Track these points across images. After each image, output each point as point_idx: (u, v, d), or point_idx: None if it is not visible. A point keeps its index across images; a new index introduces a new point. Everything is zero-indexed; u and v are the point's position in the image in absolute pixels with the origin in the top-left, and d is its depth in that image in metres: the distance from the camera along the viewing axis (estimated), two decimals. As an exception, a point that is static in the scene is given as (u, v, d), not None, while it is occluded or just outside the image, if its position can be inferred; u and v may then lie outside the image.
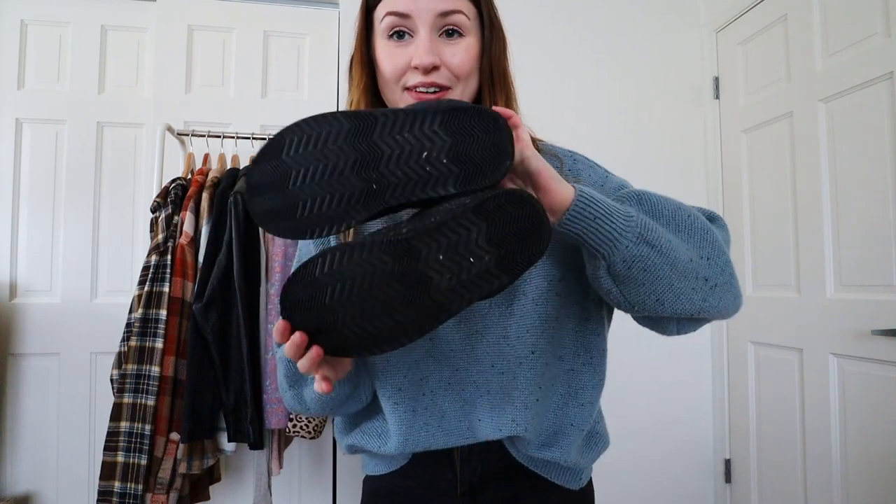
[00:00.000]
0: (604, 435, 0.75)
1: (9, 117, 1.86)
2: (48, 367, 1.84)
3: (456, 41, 0.62)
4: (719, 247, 0.57)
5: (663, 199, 0.58)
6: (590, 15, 2.12)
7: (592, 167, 0.69)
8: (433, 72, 0.61)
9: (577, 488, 0.72)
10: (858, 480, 1.52)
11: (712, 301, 0.57)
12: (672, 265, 0.54)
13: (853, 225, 1.55)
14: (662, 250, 0.54)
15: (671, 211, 0.57)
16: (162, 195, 1.45)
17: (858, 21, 1.54)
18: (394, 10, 0.61)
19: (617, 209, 0.53)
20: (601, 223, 0.52)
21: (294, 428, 1.40)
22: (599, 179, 0.67)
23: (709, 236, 0.56)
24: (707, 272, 0.56)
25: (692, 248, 0.56)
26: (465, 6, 0.63)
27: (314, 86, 1.99)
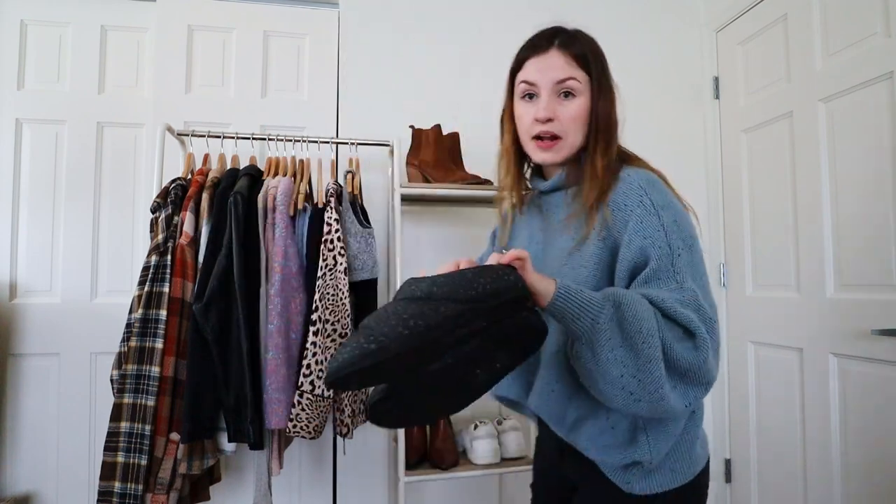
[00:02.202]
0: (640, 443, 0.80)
1: (9, 117, 1.86)
2: (48, 367, 1.84)
3: (569, 101, 0.85)
4: (655, 376, 0.69)
5: (639, 316, 0.69)
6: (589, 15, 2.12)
7: (644, 219, 0.78)
8: (548, 123, 0.85)
9: (625, 490, 0.82)
10: (858, 480, 1.52)
11: (635, 409, 0.71)
12: (601, 372, 0.70)
13: (853, 225, 1.55)
14: (598, 358, 0.70)
15: (634, 331, 0.69)
16: (162, 195, 1.44)
17: (858, 21, 1.54)
18: (525, 80, 0.88)
19: (586, 311, 0.69)
20: (568, 318, 0.71)
21: (294, 428, 1.40)
22: (638, 231, 0.78)
23: (650, 366, 0.69)
24: (633, 388, 0.69)
25: (630, 367, 0.69)
26: (577, 74, 0.85)
27: (314, 86, 1.99)
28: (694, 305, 0.73)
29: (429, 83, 2.01)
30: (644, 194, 0.79)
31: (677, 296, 0.73)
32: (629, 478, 0.82)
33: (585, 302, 0.70)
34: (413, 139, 1.77)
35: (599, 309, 0.70)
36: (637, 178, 0.81)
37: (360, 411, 1.59)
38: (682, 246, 0.76)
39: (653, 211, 0.78)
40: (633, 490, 0.82)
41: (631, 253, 0.77)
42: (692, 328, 0.71)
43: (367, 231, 1.56)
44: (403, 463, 1.53)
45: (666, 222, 0.77)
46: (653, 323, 0.70)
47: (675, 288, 0.74)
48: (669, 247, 0.76)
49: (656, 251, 0.75)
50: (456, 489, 1.94)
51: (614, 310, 0.70)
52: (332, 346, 1.45)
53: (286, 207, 1.46)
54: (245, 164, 1.61)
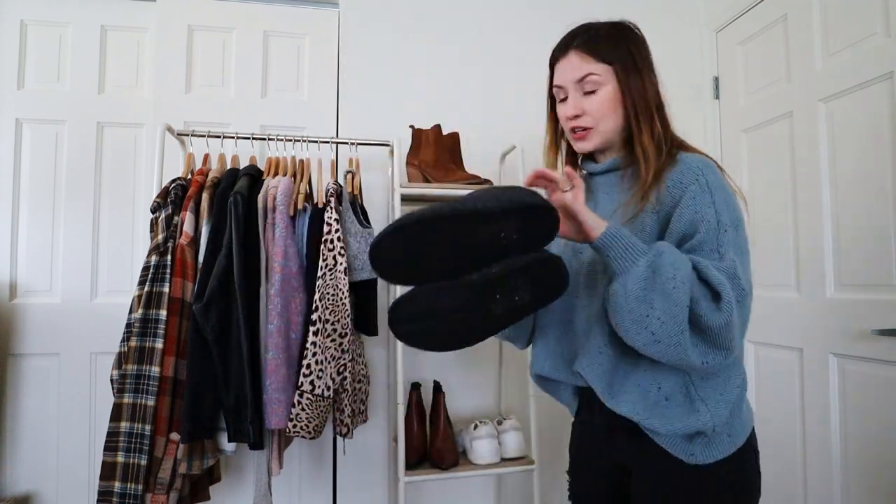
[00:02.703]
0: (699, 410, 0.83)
1: (9, 117, 1.86)
2: (48, 367, 1.84)
3: (593, 95, 0.91)
4: (678, 320, 0.75)
5: (676, 265, 0.75)
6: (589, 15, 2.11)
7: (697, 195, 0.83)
8: (577, 119, 0.93)
9: (689, 462, 0.84)
10: (858, 480, 1.52)
11: (653, 350, 0.77)
12: (629, 308, 0.76)
13: (853, 225, 1.55)
14: (629, 295, 0.76)
15: (668, 276, 0.75)
16: (162, 195, 1.44)
17: (858, 21, 1.54)
18: (555, 84, 0.97)
19: (626, 253, 0.78)
20: (612, 255, 0.79)
21: (294, 428, 1.40)
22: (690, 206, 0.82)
23: (675, 310, 0.74)
24: (655, 328, 0.75)
25: (656, 310, 0.75)
26: (596, 68, 0.91)
27: (314, 86, 1.99)
28: (729, 272, 0.77)
29: (429, 83, 2.01)
30: (700, 174, 0.84)
31: (715, 262, 0.78)
32: (693, 448, 0.84)
33: (631, 245, 0.78)
34: (413, 139, 1.77)
35: (642, 253, 0.77)
36: (695, 160, 0.86)
37: (360, 411, 1.59)
38: (728, 224, 0.81)
39: (706, 189, 0.82)
40: (698, 460, 0.83)
41: (681, 224, 0.82)
42: (720, 290, 0.75)
43: (367, 231, 1.56)
44: (403, 463, 1.53)
45: (717, 200, 0.82)
46: (687, 273, 0.75)
47: (717, 258, 0.79)
48: (718, 222, 0.80)
49: (704, 224, 0.80)
50: (456, 489, 1.94)
51: (655, 256, 0.76)
52: (332, 346, 1.45)
53: (286, 207, 1.46)
54: (245, 164, 1.61)
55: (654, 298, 0.74)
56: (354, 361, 1.54)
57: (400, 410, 1.57)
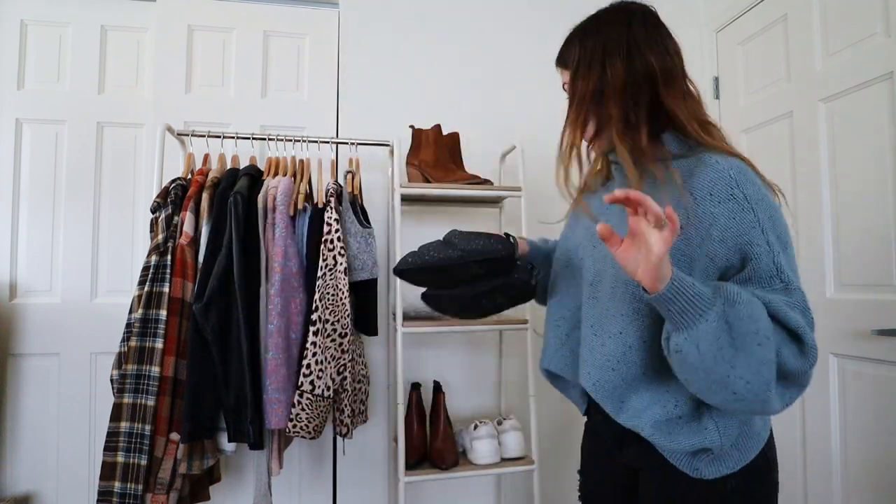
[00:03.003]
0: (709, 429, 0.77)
1: (9, 117, 1.86)
2: (48, 367, 1.84)
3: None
4: (765, 378, 0.66)
5: (754, 316, 0.66)
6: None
7: (737, 214, 0.73)
8: None
9: (693, 475, 0.80)
10: (858, 481, 1.52)
11: (733, 407, 0.69)
12: (706, 369, 0.66)
13: (853, 225, 1.55)
14: (704, 356, 0.65)
15: (748, 331, 0.65)
16: (162, 195, 1.44)
17: (858, 21, 1.54)
18: None
19: (695, 305, 0.66)
20: (675, 311, 0.67)
21: (294, 428, 1.40)
22: (731, 228, 0.73)
23: (762, 368, 0.66)
24: (739, 388, 0.66)
25: (739, 368, 0.65)
26: (565, 77, 0.89)
27: (314, 86, 1.99)
28: (802, 308, 0.70)
29: (429, 83, 2.01)
30: (735, 186, 0.73)
31: (784, 297, 0.70)
32: (697, 464, 0.80)
33: (696, 296, 0.66)
34: (413, 139, 1.77)
35: (710, 304, 0.66)
36: (727, 166, 0.75)
37: (360, 411, 1.59)
38: (778, 244, 0.72)
39: (747, 206, 0.72)
40: (703, 475, 0.80)
41: (725, 251, 0.73)
42: (800, 332, 0.68)
43: (367, 231, 1.56)
44: (403, 463, 1.53)
45: (762, 219, 0.72)
46: (768, 323, 0.66)
47: (782, 289, 0.70)
48: (768, 245, 0.71)
49: (755, 250, 0.71)
50: (456, 489, 1.94)
51: (725, 306, 0.66)
52: (332, 345, 1.45)
53: (286, 207, 1.46)
54: (245, 164, 1.61)
55: (735, 357, 0.65)
56: (354, 361, 1.54)
57: (400, 410, 1.57)
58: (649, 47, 0.82)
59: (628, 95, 0.81)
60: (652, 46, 0.82)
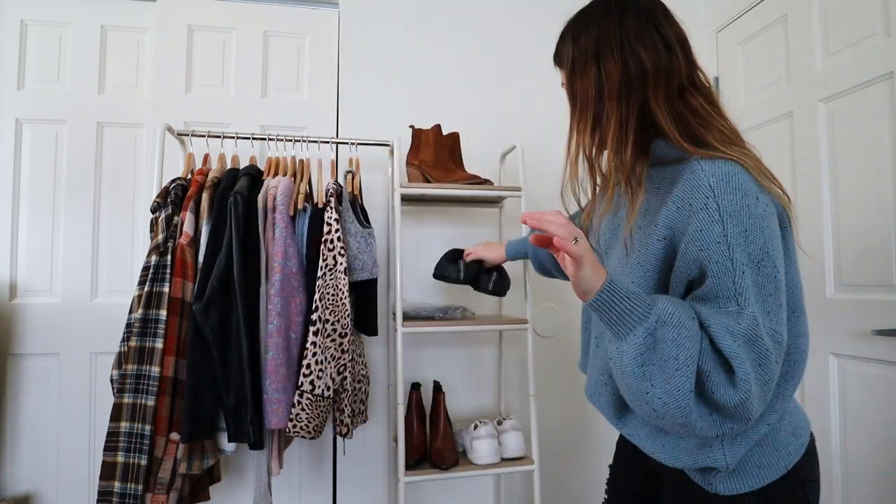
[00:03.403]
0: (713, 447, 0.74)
1: (9, 117, 1.86)
2: (48, 367, 1.84)
3: None
4: (682, 405, 0.65)
5: (679, 341, 0.65)
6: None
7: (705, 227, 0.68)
8: None
9: (709, 490, 0.76)
10: (858, 480, 1.52)
11: (658, 423, 0.69)
12: (626, 382, 0.67)
13: (853, 225, 1.55)
14: (624, 368, 0.67)
15: (670, 356, 0.64)
16: (162, 195, 1.44)
17: (858, 21, 1.54)
18: None
19: (621, 319, 0.66)
20: (605, 320, 0.68)
21: (294, 428, 1.40)
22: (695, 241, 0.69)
23: (678, 395, 0.64)
24: (657, 407, 0.66)
25: (658, 387, 0.65)
26: (562, 76, 0.88)
27: (314, 86, 1.99)
28: (747, 336, 0.64)
29: (429, 83, 2.01)
30: (710, 196, 0.68)
31: (730, 322, 0.65)
32: (710, 480, 0.76)
33: (626, 311, 0.65)
34: (413, 139, 1.77)
35: (641, 320, 0.65)
36: (709, 172, 0.69)
37: (359, 411, 1.59)
38: (746, 262, 0.66)
39: (717, 218, 0.67)
40: (718, 491, 0.75)
41: (685, 264, 0.70)
42: (734, 363, 0.64)
43: (367, 231, 1.56)
44: (403, 463, 1.53)
45: (731, 233, 0.66)
46: (693, 351, 0.64)
47: (735, 311, 0.65)
48: (731, 262, 0.66)
49: (714, 266, 0.67)
50: (456, 489, 1.94)
51: (657, 325, 0.65)
52: (332, 346, 1.45)
53: (286, 207, 1.46)
54: (245, 164, 1.61)
55: (654, 375, 0.65)
56: (354, 361, 1.54)
57: (400, 410, 1.57)
58: (643, 44, 0.75)
59: (623, 100, 0.76)
60: (646, 42, 0.76)
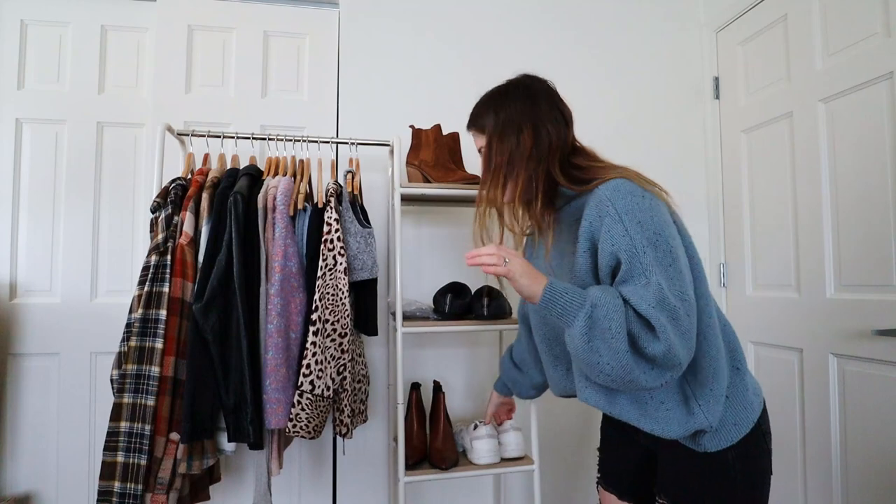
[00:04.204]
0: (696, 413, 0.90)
1: (9, 117, 1.86)
2: (48, 367, 1.84)
3: None
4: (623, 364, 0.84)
5: (609, 315, 0.83)
6: (589, 15, 2.12)
7: (612, 227, 0.89)
8: None
9: (699, 450, 0.93)
10: (858, 480, 1.52)
11: (614, 386, 0.88)
12: (582, 358, 0.86)
13: (853, 225, 1.55)
14: (577, 348, 0.87)
15: (605, 328, 0.83)
16: (162, 195, 1.44)
17: (858, 21, 1.54)
18: None
19: (564, 311, 0.86)
20: (553, 316, 0.89)
21: (294, 428, 1.40)
22: (607, 239, 0.89)
23: (619, 357, 0.83)
24: (609, 372, 0.85)
25: (604, 356, 0.84)
26: (481, 142, 1.10)
27: (314, 86, 1.99)
28: (656, 298, 0.82)
29: (429, 83, 2.01)
30: (609, 204, 0.89)
31: (643, 292, 0.83)
32: (700, 440, 0.92)
33: (567, 304, 0.86)
34: (413, 139, 1.77)
35: (578, 308, 0.85)
36: (604, 190, 0.92)
37: (359, 411, 1.59)
38: (645, 244, 0.86)
39: (617, 218, 0.88)
40: (707, 449, 0.92)
41: (605, 259, 0.89)
42: (651, 321, 0.82)
43: (366, 231, 1.56)
44: (403, 463, 1.53)
45: (629, 226, 0.87)
46: (621, 320, 0.83)
47: (644, 284, 0.84)
48: (634, 248, 0.86)
49: (624, 254, 0.86)
50: (456, 489, 1.94)
51: (591, 308, 0.84)
52: (332, 345, 1.45)
53: (286, 207, 1.46)
54: (245, 164, 1.61)
55: (599, 347, 0.83)
56: (354, 361, 1.54)
57: (400, 410, 1.57)
58: (551, 122, 1.01)
59: (532, 164, 1.00)
60: (553, 120, 1.01)
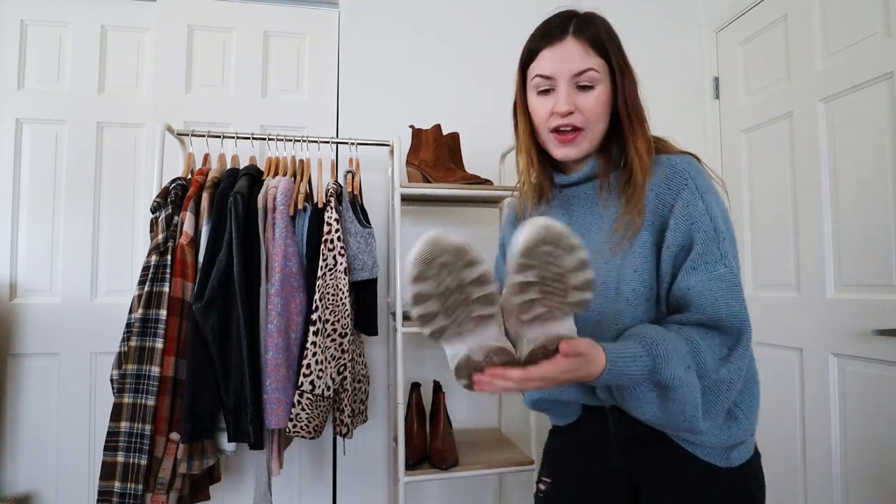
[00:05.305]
0: (741, 420, 0.81)
1: (9, 117, 1.86)
2: (48, 367, 1.84)
3: (589, 92, 0.82)
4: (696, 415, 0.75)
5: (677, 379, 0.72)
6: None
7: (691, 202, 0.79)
8: (569, 116, 0.82)
9: (723, 465, 0.81)
10: (858, 480, 1.52)
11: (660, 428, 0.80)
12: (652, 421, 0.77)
13: (853, 225, 1.55)
14: (648, 418, 0.77)
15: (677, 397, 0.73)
16: (162, 195, 1.45)
17: (858, 21, 1.54)
18: (541, 73, 0.83)
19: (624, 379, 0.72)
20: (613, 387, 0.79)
21: (294, 428, 1.40)
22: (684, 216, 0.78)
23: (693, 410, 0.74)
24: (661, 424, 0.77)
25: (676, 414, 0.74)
26: (595, 63, 0.81)
27: (314, 86, 1.99)
28: (738, 291, 0.76)
29: (429, 83, 2.01)
30: (689, 178, 0.80)
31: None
32: (730, 455, 0.81)
33: (626, 373, 0.72)
34: (413, 139, 1.77)
35: (641, 378, 0.72)
36: (680, 161, 0.82)
37: (359, 411, 1.59)
38: (724, 230, 0.78)
39: (697, 195, 0.79)
40: (732, 463, 0.81)
41: (678, 237, 0.78)
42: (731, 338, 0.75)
43: (366, 231, 1.56)
44: (403, 463, 1.53)
45: (711, 206, 0.78)
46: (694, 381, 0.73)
47: (726, 273, 0.76)
48: (715, 230, 0.77)
49: (702, 235, 0.77)
50: (456, 489, 1.94)
51: (653, 375, 0.72)
52: (332, 345, 1.45)
53: (286, 207, 1.46)
54: (245, 164, 1.61)
55: (671, 409, 0.74)
56: (354, 361, 1.54)
57: (400, 410, 1.57)
58: None
59: (642, 110, 0.87)
60: None
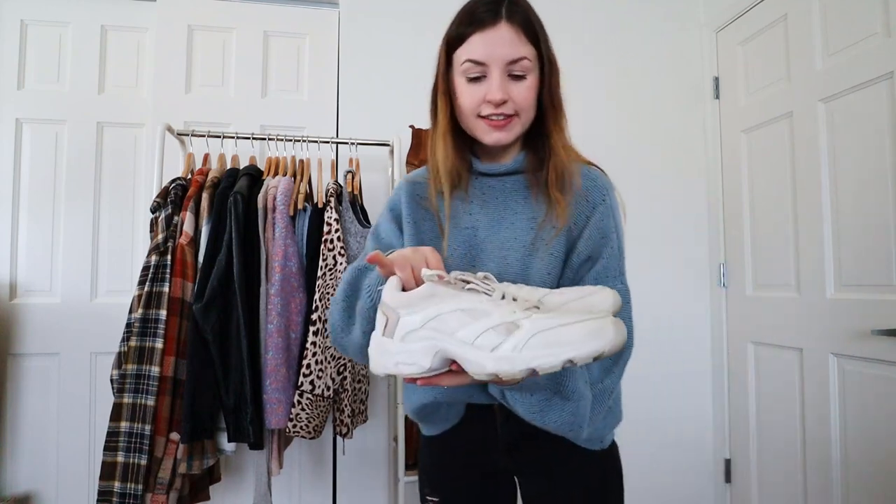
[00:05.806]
0: (615, 411, 0.86)
1: (9, 117, 1.86)
2: (48, 367, 1.84)
3: (521, 82, 0.78)
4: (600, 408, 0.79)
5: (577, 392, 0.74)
6: (589, 15, 2.12)
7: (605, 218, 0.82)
8: (503, 105, 0.78)
9: (599, 449, 0.86)
10: (858, 480, 1.52)
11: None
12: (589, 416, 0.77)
13: (853, 225, 1.55)
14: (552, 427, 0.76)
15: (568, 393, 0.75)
16: (162, 195, 1.45)
17: (858, 21, 1.54)
18: (471, 58, 0.79)
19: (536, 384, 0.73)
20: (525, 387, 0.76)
21: (294, 428, 1.40)
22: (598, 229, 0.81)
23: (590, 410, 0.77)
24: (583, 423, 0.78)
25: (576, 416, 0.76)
26: (528, 51, 0.78)
27: (314, 86, 1.99)
28: (625, 300, 0.79)
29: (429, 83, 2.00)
30: (607, 193, 0.83)
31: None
32: (605, 438, 0.86)
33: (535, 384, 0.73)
34: (413, 139, 1.77)
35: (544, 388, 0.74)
36: (600, 176, 0.85)
37: (359, 411, 1.59)
38: (622, 248, 0.83)
39: (610, 212, 0.82)
40: (605, 445, 0.87)
41: (588, 247, 0.81)
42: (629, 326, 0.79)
43: (367, 231, 1.56)
44: (403, 463, 1.53)
45: (618, 223, 0.83)
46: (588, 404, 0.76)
47: (623, 290, 0.80)
48: (619, 248, 0.82)
49: (608, 250, 0.81)
50: (456, 489, 1.94)
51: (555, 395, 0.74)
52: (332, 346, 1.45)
53: (286, 207, 1.47)
54: (245, 164, 1.61)
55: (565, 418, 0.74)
56: (354, 361, 1.54)
57: (400, 410, 1.57)
58: None
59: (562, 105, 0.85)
60: None
